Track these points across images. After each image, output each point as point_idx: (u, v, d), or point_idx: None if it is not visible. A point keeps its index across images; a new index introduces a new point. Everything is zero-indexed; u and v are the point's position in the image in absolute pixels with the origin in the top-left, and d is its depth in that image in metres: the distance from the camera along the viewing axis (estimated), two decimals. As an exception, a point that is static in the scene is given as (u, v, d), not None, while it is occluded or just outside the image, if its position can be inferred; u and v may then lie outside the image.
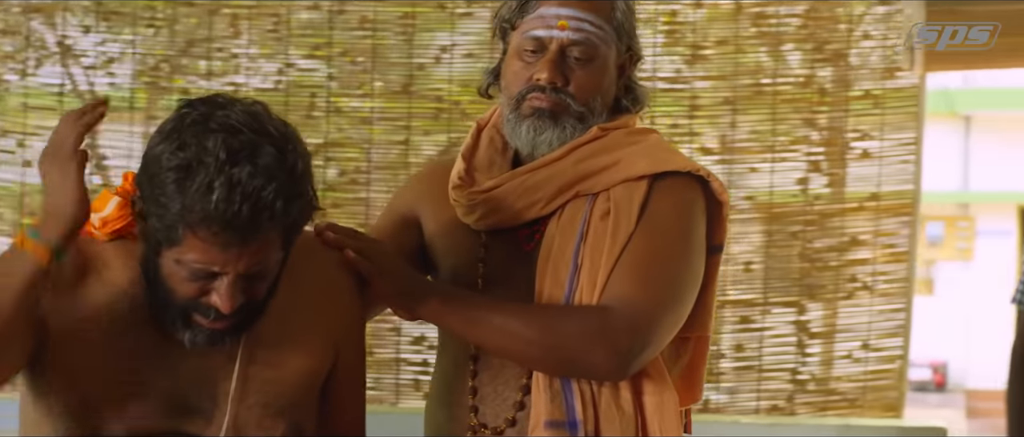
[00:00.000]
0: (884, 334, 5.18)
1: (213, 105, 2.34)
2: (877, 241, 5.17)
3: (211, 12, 5.12)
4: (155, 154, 2.32)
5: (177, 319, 2.39)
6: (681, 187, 2.76)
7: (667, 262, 2.69)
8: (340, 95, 5.17)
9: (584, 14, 2.77)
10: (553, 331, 2.65)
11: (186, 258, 2.32)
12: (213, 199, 2.25)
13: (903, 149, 5.16)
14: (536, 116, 2.75)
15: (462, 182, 2.81)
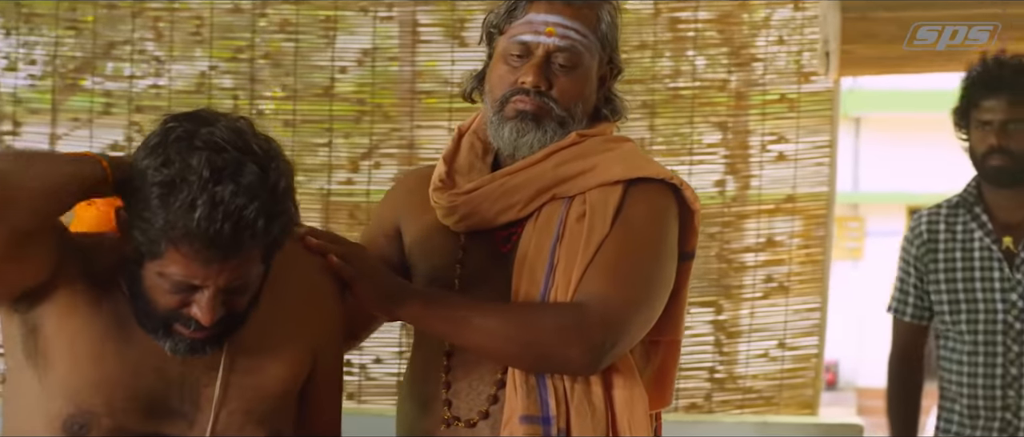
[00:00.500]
0: (799, 333, 5.28)
1: (198, 121, 2.37)
2: (792, 242, 5.26)
3: (134, 14, 5.10)
4: (140, 168, 2.35)
5: (159, 328, 2.43)
6: (655, 193, 2.85)
7: (639, 263, 2.77)
8: (262, 98, 5.17)
9: (571, 22, 2.85)
10: (529, 327, 2.72)
11: (168, 271, 2.35)
12: (196, 217, 2.29)
13: (818, 152, 5.26)
14: (519, 118, 2.83)
15: (443, 184, 2.88)
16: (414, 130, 5.22)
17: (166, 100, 5.13)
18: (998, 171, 4.35)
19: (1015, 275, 4.36)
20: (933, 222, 4.48)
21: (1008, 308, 4.36)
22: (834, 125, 5.24)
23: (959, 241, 4.43)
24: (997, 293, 4.37)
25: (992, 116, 4.32)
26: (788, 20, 5.21)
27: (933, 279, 4.45)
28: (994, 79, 4.34)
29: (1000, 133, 4.31)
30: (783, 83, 5.23)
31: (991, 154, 4.34)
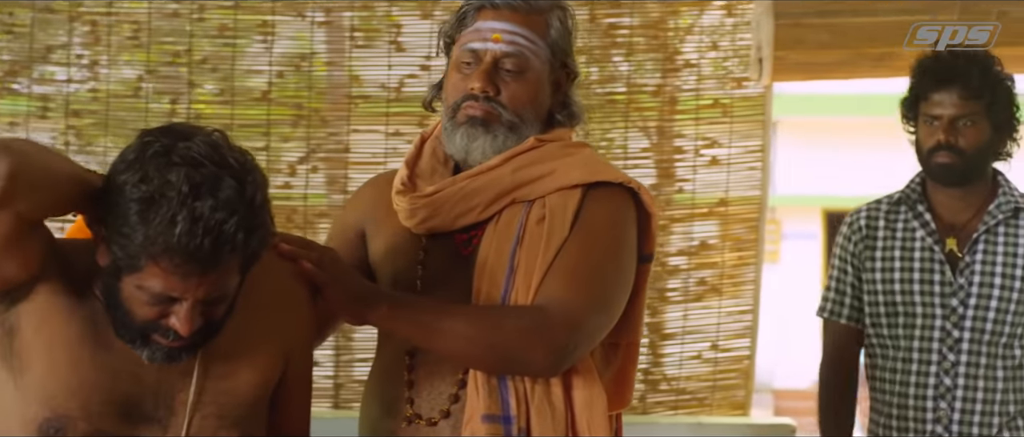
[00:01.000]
0: (731, 335, 5.37)
1: (175, 136, 2.40)
2: (725, 245, 5.34)
3: (71, 18, 5.10)
4: (118, 184, 2.38)
5: (136, 337, 2.45)
6: (613, 197, 2.91)
7: (599, 266, 2.82)
8: (200, 102, 5.19)
9: (518, 29, 2.91)
10: (493, 330, 2.77)
11: (147, 285, 2.38)
12: (176, 232, 2.32)
13: (750, 156, 5.34)
14: (469, 124, 2.89)
15: (405, 188, 2.93)
16: (351, 134, 5.25)
17: (103, 104, 5.13)
18: (945, 169, 4.07)
19: (957, 279, 4.08)
20: (872, 218, 4.21)
21: (947, 314, 4.08)
22: (766, 130, 5.32)
23: (899, 240, 4.15)
24: (936, 297, 4.09)
25: (941, 110, 4.06)
26: (720, 26, 5.29)
27: (868, 279, 4.17)
28: (944, 71, 4.08)
29: (948, 129, 4.04)
30: (716, 89, 5.31)
31: (938, 150, 4.06)
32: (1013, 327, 4.05)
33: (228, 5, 5.18)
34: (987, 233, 4.08)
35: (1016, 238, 4.07)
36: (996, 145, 4.07)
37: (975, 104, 4.02)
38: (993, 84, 4.05)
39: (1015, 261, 4.06)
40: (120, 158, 2.41)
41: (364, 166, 5.24)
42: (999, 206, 4.09)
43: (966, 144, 4.02)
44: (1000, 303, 4.05)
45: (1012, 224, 4.09)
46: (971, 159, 4.04)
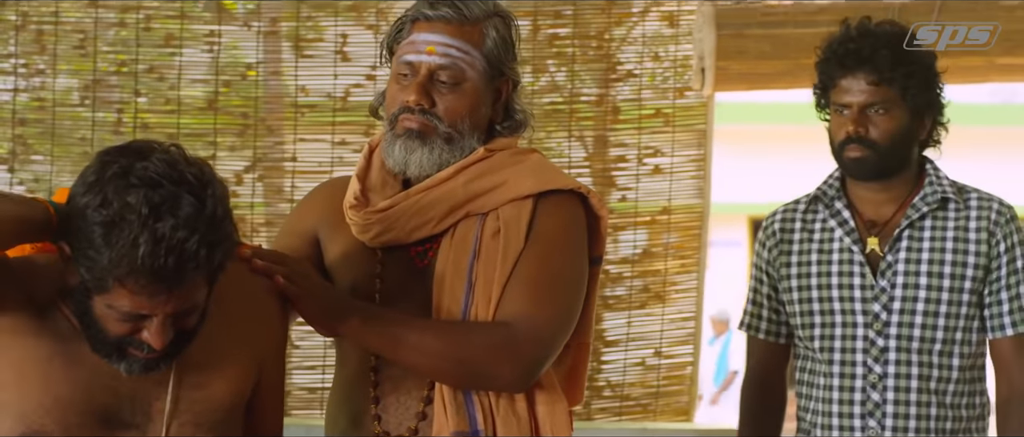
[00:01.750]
0: (675, 342, 5.43)
1: (132, 155, 2.42)
2: (668, 253, 5.41)
3: (17, 28, 5.10)
4: (79, 207, 2.41)
5: (112, 352, 2.49)
6: (564, 204, 2.96)
7: (557, 278, 2.88)
8: (147, 111, 5.20)
9: (452, 40, 2.94)
10: (462, 345, 2.82)
11: (116, 304, 2.41)
12: (139, 254, 2.35)
13: (692, 165, 5.41)
14: (406, 136, 2.93)
15: (358, 202, 2.96)
16: (297, 143, 5.28)
17: (48, 113, 5.13)
18: (856, 163, 3.63)
19: (879, 281, 3.65)
20: (788, 220, 3.80)
21: (870, 322, 3.65)
22: (708, 139, 5.40)
23: (816, 242, 3.74)
24: (857, 303, 3.66)
25: (850, 98, 3.63)
26: (662, 36, 5.35)
27: (785, 287, 3.76)
28: (850, 54, 3.64)
29: (858, 119, 3.61)
30: (658, 98, 5.38)
31: (848, 143, 3.62)
32: (947, 332, 3.64)
33: (174, 15, 5.19)
34: (911, 228, 3.66)
35: (945, 231, 3.67)
36: (915, 132, 3.66)
37: (887, 89, 3.60)
38: (907, 65, 3.62)
39: (943, 258, 3.65)
40: (80, 180, 2.43)
41: (310, 175, 5.27)
42: (924, 198, 3.67)
43: (879, 135, 3.60)
44: (928, 306, 3.63)
45: (940, 217, 3.68)
46: (886, 151, 3.62)
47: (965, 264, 3.63)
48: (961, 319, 3.62)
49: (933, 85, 3.64)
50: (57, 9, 5.12)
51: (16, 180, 5.13)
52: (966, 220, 3.67)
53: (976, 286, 3.64)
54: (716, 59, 5.14)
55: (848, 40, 3.62)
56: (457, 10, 2.94)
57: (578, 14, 5.30)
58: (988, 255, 3.65)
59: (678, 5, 5.32)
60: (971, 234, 3.65)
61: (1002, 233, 3.66)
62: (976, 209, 3.67)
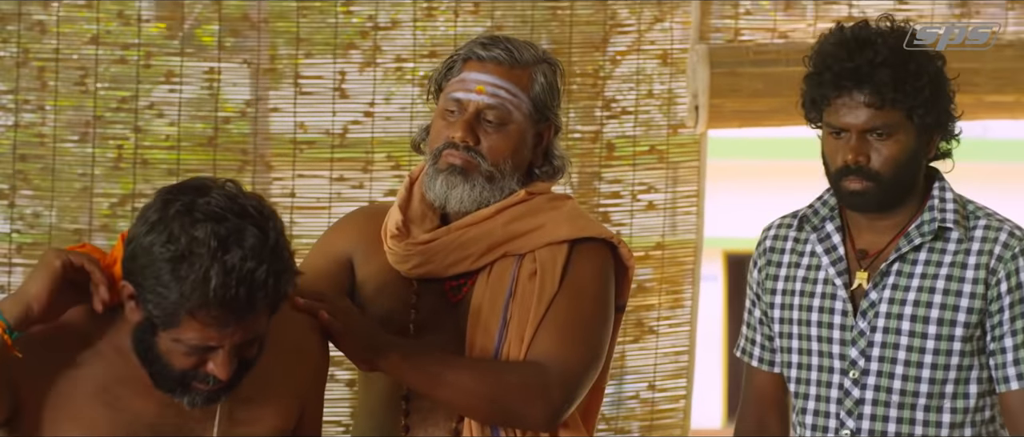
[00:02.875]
0: (669, 375, 5.48)
1: (192, 192, 2.50)
2: (662, 288, 5.47)
3: (19, 64, 5.14)
4: (144, 245, 2.47)
5: (176, 387, 2.55)
6: (597, 252, 3.07)
7: (588, 324, 2.99)
8: (147, 147, 5.23)
9: (502, 82, 3.03)
10: (496, 385, 2.91)
11: (184, 338, 2.48)
12: (211, 286, 2.42)
13: (686, 201, 5.48)
14: (449, 171, 3.02)
15: (399, 233, 3.03)
16: (296, 180, 5.33)
17: (49, 149, 5.16)
18: (857, 197, 3.13)
19: (858, 323, 3.18)
20: (779, 238, 3.34)
21: (847, 367, 3.18)
22: (701, 175, 5.46)
23: (804, 268, 3.28)
24: (835, 345, 3.20)
25: (848, 121, 3.09)
26: (657, 74, 5.42)
27: (770, 317, 3.34)
28: (850, 72, 3.09)
29: (858, 146, 3.09)
30: (653, 135, 5.44)
31: (847, 174, 3.12)
32: (934, 386, 3.14)
33: (174, 52, 5.23)
34: (901, 261, 3.16)
35: (939, 267, 3.15)
36: (923, 153, 3.15)
37: (890, 112, 3.07)
38: (913, 80, 3.08)
39: (931, 299, 3.14)
40: (141, 220, 2.50)
41: (308, 210, 5.31)
42: (920, 227, 3.15)
43: (881, 163, 3.09)
44: (910, 355, 3.14)
45: (937, 248, 3.16)
46: (889, 182, 3.11)
47: (956, 307, 3.13)
48: (951, 370, 3.14)
49: (943, 97, 3.14)
50: (58, 46, 5.15)
51: (16, 214, 5.16)
52: (966, 254, 3.15)
53: (970, 332, 3.14)
54: (710, 97, 5.22)
55: (843, 53, 3.10)
56: (509, 53, 3.03)
57: (576, 51, 5.36)
58: (986, 297, 3.13)
59: (672, 44, 5.39)
60: (969, 271, 3.14)
61: (1006, 270, 3.13)
62: (979, 240, 3.15)
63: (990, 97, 5.26)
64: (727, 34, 5.37)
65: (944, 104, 3.15)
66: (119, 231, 5.03)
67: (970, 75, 5.03)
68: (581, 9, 5.36)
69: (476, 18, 5.31)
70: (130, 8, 5.20)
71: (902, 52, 3.10)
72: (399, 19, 5.31)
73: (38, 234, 5.18)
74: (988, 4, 5.36)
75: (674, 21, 5.38)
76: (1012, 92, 5.25)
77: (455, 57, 3.11)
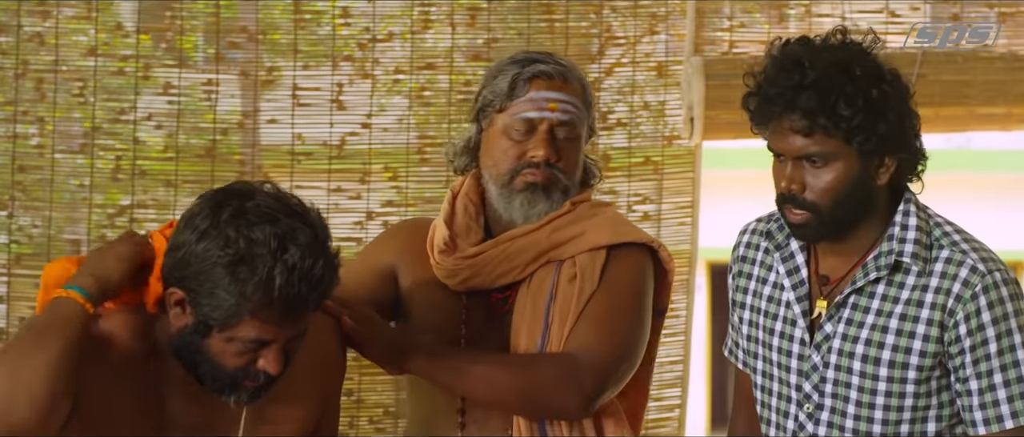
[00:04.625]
0: (664, 385, 5.51)
1: (238, 196, 2.55)
2: (657, 298, 5.50)
3: (18, 75, 5.15)
4: (198, 252, 2.52)
5: (226, 387, 2.59)
6: (635, 256, 3.16)
7: (622, 319, 3.05)
8: (145, 158, 5.25)
9: (568, 97, 3.12)
10: (527, 375, 2.98)
11: (240, 336, 2.52)
12: (276, 285, 2.47)
13: (680, 212, 5.52)
14: (530, 190, 3.08)
15: (447, 248, 3.08)
16: (294, 191, 5.33)
17: (48, 160, 5.18)
18: (796, 228, 2.95)
19: (813, 356, 3.00)
20: (752, 245, 3.15)
21: (802, 399, 3.03)
22: (696, 186, 5.50)
23: (770, 284, 3.09)
24: (792, 375, 3.03)
25: (782, 145, 2.88)
26: (652, 85, 5.46)
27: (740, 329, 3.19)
28: (776, 96, 2.87)
29: (793, 173, 2.87)
30: (648, 146, 5.48)
31: (784, 202, 2.91)
32: (887, 427, 2.95)
33: (172, 63, 5.25)
34: (857, 294, 2.95)
35: (895, 304, 2.93)
36: (871, 178, 2.90)
37: (825, 139, 2.84)
38: (847, 103, 2.82)
39: (883, 339, 2.93)
40: (189, 228, 2.54)
41: (306, 222, 5.33)
42: (877, 259, 2.93)
43: (817, 194, 2.87)
44: (861, 395, 2.95)
45: (895, 281, 2.94)
46: (829, 214, 2.88)
47: (909, 349, 2.92)
48: (905, 411, 2.95)
49: (886, 116, 2.86)
50: (57, 58, 5.16)
51: (14, 225, 5.17)
52: (923, 291, 2.92)
53: (925, 374, 2.93)
54: (705, 109, 5.26)
55: (773, 74, 2.92)
56: (565, 68, 3.11)
57: (573, 64, 5.40)
58: (941, 339, 2.91)
59: (666, 56, 5.42)
60: (924, 310, 2.91)
61: (965, 311, 2.89)
62: (938, 276, 2.91)
63: (981, 109, 5.30)
64: (721, 47, 5.42)
65: (892, 125, 2.86)
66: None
67: (961, 87, 5.13)
68: (576, 21, 5.40)
69: (472, 30, 5.34)
70: (129, 20, 5.21)
71: (837, 74, 2.83)
72: (394, 31, 5.33)
73: (36, 245, 5.18)
74: (978, 16, 5.40)
75: (668, 34, 5.42)
76: (1003, 104, 5.29)
77: (516, 77, 3.13)
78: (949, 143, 11.47)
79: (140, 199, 5.22)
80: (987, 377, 2.89)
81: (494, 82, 3.16)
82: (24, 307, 5.10)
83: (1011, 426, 2.91)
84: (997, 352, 2.88)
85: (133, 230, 2.71)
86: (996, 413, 2.90)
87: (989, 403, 2.90)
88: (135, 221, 5.21)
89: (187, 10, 5.23)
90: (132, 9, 5.26)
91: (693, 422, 12.86)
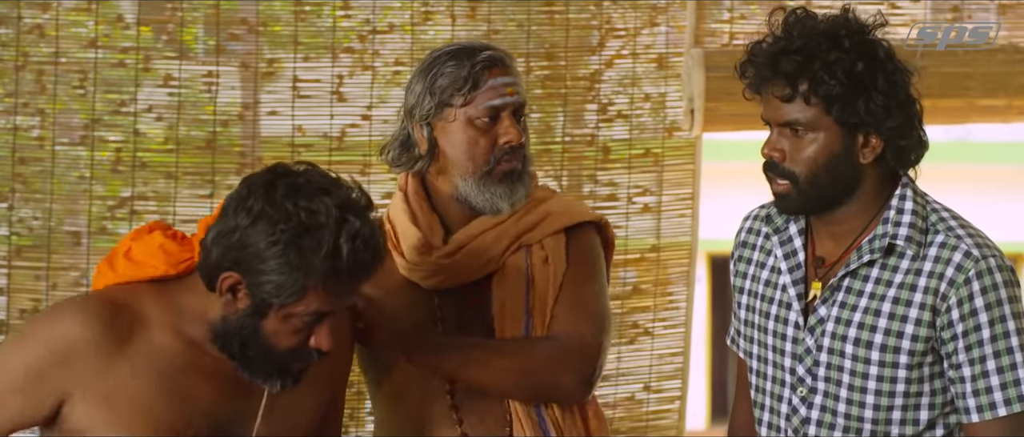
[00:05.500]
0: (664, 377, 5.53)
1: (284, 175, 2.56)
2: (657, 290, 5.51)
3: (18, 67, 5.16)
4: (257, 232, 2.51)
5: (273, 371, 2.60)
6: (590, 233, 3.21)
7: (596, 298, 3.15)
8: (145, 149, 5.25)
9: (516, 78, 3.11)
10: (525, 359, 3.00)
11: (300, 311, 2.52)
12: (344, 253, 2.49)
13: (681, 203, 5.53)
14: (511, 178, 3.06)
15: (425, 248, 3.07)
16: (293, 183, 5.34)
17: (49, 152, 5.18)
18: (779, 200, 2.93)
19: (807, 339, 2.96)
20: (754, 231, 3.13)
21: (795, 383, 2.99)
22: (696, 178, 5.51)
23: (768, 268, 3.07)
24: (786, 358, 3.00)
25: (769, 113, 2.89)
26: (652, 77, 5.46)
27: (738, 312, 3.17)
28: (759, 62, 2.89)
29: (774, 140, 2.88)
30: (649, 138, 5.49)
31: (767, 170, 2.91)
32: (879, 412, 2.92)
33: (173, 55, 5.26)
34: (851, 277, 2.92)
35: (888, 288, 2.90)
36: (853, 154, 2.87)
37: (806, 107, 2.82)
38: (828, 70, 2.81)
39: (875, 323, 2.90)
40: (240, 211, 2.55)
41: (305, 213, 5.33)
42: (872, 241, 2.90)
43: (797, 163, 2.85)
44: (854, 379, 2.91)
45: (889, 265, 2.91)
46: (808, 184, 2.85)
47: (901, 333, 2.89)
48: (897, 397, 2.91)
49: (868, 91, 2.83)
50: (57, 50, 5.17)
51: (14, 217, 5.17)
52: (916, 275, 2.89)
53: (917, 360, 2.90)
54: (705, 100, 5.27)
55: (762, 41, 2.92)
56: (503, 51, 3.10)
57: (572, 55, 5.40)
58: (934, 324, 2.88)
59: (666, 48, 5.43)
60: (917, 294, 2.88)
61: (957, 296, 2.86)
62: (932, 260, 2.88)
63: (982, 101, 5.31)
64: (721, 38, 5.42)
65: (874, 102, 2.82)
66: (117, 234, 5.07)
67: (962, 79, 5.14)
68: (576, 13, 5.40)
69: (472, 22, 5.34)
70: (129, 12, 5.22)
71: (823, 42, 2.82)
72: (395, 23, 5.33)
73: (36, 237, 5.19)
74: (980, 8, 5.41)
75: (669, 25, 5.42)
76: (1003, 96, 5.31)
77: (473, 69, 3.10)
78: (949, 135, 11.50)
79: (140, 191, 5.22)
80: (980, 363, 2.86)
81: (441, 79, 3.09)
82: (24, 299, 5.10)
83: (1004, 413, 2.87)
84: (990, 338, 2.85)
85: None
86: (989, 400, 2.87)
87: (982, 390, 2.87)
88: (135, 213, 5.22)
89: (187, 2, 5.22)
90: (132, 1, 5.25)
91: (693, 414, 12.89)
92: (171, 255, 2.68)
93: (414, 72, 3.17)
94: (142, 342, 2.65)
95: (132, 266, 2.69)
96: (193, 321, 2.65)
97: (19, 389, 2.58)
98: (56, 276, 5.13)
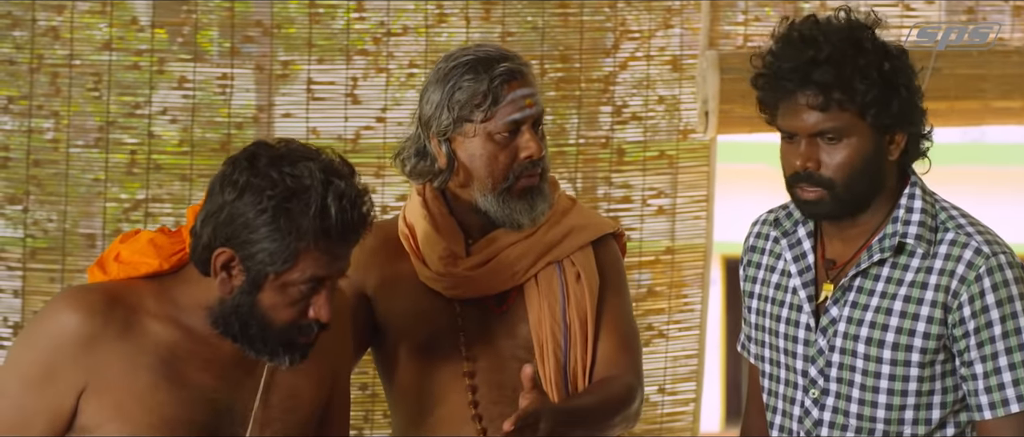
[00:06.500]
0: (679, 379, 5.53)
1: (266, 148, 2.58)
2: (672, 292, 5.51)
3: (33, 70, 5.16)
4: (244, 203, 2.52)
5: (278, 346, 2.61)
6: (613, 246, 3.19)
7: (629, 318, 3.12)
8: (160, 152, 5.26)
9: (534, 89, 3.09)
10: (626, 408, 3.06)
11: (295, 278, 2.53)
12: (332, 213, 2.51)
13: (695, 206, 5.53)
14: (533, 193, 3.04)
15: (450, 259, 3.05)
16: (308, 185, 5.34)
17: (63, 155, 5.19)
18: (810, 206, 2.90)
19: (819, 340, 2.98)
20: (763, 235, 3.13)
21: (808, 385, 3.00)
22: (710, 180, 5.51)
23: (778, 272, 3.08)
24: (799, 361, 3.01)
25: (796, 124, 2.87)
26: (667, 79, 5.46)
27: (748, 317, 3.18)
28: (789, 72, 2.85)
29: (808, 151, 2.85)
30: (663, 140, 5.48)
31: (798, 181, 2.89)
32: (891, 411, 2.93)
33: (187, 58, 5.26)
34: (862, 277, 2.94)
35: (899, 286, 2.92)
36: (883, 154, 2.91)
37: (838, 113, 2.83)
38: (862, 76, 2.84)
39: (887, 321, 2.92)
40: (229, 187, 2.58)
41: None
42: (882, 241, 2.92)
43: (833, 170, 2.86)
44: (866, 378, 2.93)
45: (900, 264, 2.93)
46: (844, 189, 2.87)
47: (912, 332, 2.91)
48: (909, 396, 2.92)
49: (900, 93, 2.88)
50: (72, 52, 5.17)
51: (31, 220, 5.18)
52: (927, 273, 2.91)
53: (929, 358, 2.91)
54: (720, 102, 5.27)
55: (785, 52, 2.88)
56: (522, 60, 3.09)
57: (586, 58, 5.40)
58: (945, 321, 2.90)
59: (681, 50, 5.43)
60: (928, 292, 2.90)
61: (969, 293, 2.88)
62: (942, 258, 2.90)
63: (996, 103, 5.31)
64: (736, 41, 5.42)
65: (903, 100, 2.87)
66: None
67: (976, 81, 5.13)
68: (590, 15, 5.40)
69: (487, 24, 5.34)
70: (144, 14, 5.22)
71: (850, 48, 2.84)
72: (409, 25, 5.33)
73: (51, 239, 5.19)
74: (994, 10, 5.40)
75: (683, 28, 5.42)
76: (1018, 98, 5.30)
77: (492, 82, 3.05)
78: (964, 137, 11.48)
79: (155, 193, 5.23)
80: (992, 360, 2.87)
81: (459, 93, 3.05)
82: (39, 301, 5.11)
83: (1017, 410, 2.89)
84: (1002, 334, 2.87)
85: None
86: (1002, 397, 2.88)
87: (994, 386, 2.88)
88: (150, 215, 5.23)
89: (202, 5, 5.23)
90: (147, 3, 5.26)
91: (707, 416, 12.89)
92: (162, 248, 2.69)
93: (429, 79, 3.14)
94: (140, 333, 2.65)
95: (124, 267, 2.70)
96: (190, 311, 2.66)
97: (35, 387, 2.58)
98: (71, 278, 5.14)
